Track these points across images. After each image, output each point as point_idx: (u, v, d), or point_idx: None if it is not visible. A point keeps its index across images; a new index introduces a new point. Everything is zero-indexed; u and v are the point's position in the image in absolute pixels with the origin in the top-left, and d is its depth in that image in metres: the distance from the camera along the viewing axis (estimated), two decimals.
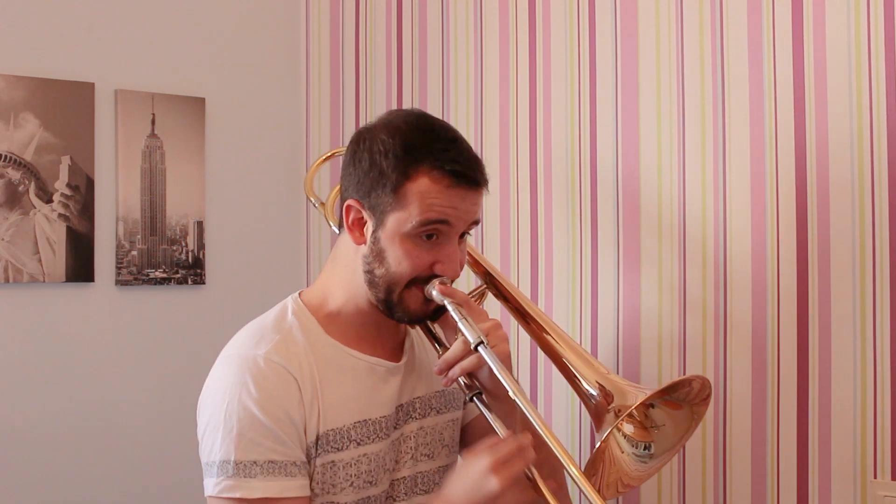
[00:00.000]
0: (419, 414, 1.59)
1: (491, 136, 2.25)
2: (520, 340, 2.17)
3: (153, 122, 2.51)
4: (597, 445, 1.43)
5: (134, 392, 2.48)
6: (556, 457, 1.33)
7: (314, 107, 2.69)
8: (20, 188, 2.33)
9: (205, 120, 2.59)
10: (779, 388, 1.77)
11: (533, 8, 2.17)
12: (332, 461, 1.48)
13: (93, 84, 2.44)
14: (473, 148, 1.54)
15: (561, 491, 1.46)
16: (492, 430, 1.48)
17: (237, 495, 1.41)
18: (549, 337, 1.57)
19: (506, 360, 1.45)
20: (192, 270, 2.56)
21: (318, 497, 1.48)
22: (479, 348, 1.41)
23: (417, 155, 1.44)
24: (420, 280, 1.48)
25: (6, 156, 2.32)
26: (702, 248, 1.87)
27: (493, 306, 1.79)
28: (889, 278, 1.64)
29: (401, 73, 2.46)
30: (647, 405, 1.48)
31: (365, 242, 1.49)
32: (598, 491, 1.37)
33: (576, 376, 1.52)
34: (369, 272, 1.49)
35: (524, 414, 1.39)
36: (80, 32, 2.44)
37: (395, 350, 1.59)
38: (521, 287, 2.16)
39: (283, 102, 2.73)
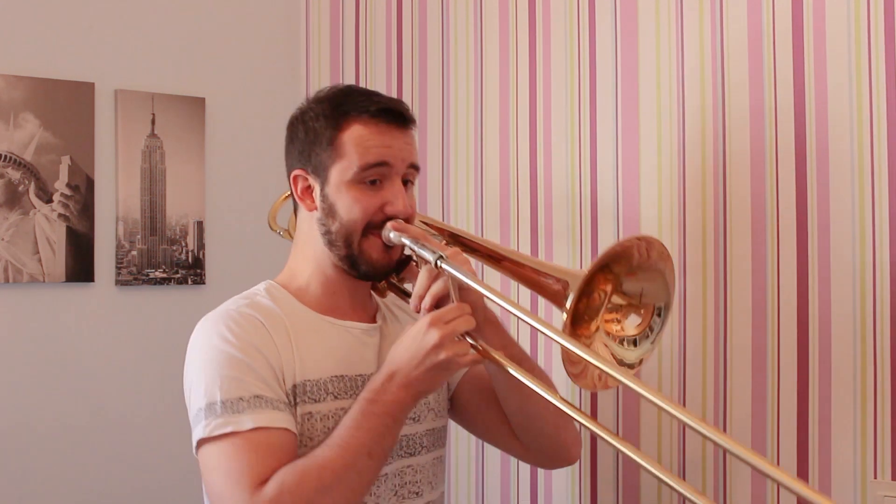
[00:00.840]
0: None
1: (491, 137, 2.25)
2: (519, 327, 2.17)
3: (153, 122, 2.51)
4: (563, 316, 1.42)
5: (134, 392, 2.48)
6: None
7: None
8: (20, 188, 2.33)
9: (205, 120, 2.59)
10: (779, 388, 1.77)
11: (533, 8, 2.17)
12: (310, 412, 1.49)
13: (93, 84, 2.44)
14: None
15: (523, 364, 1.47)
16: (480, 389, 1.57)
17: (228, 430, 1.41)
18: (525, 270, 1.59)
19: (472, 278, 1.46)
20: (192, 270, 2.56)
21: (298, 449, 1.48)
22: (440, 263, 1.43)
23: (344, 108, 1.54)
24: (374, 225, 1.52)
25: (6, 156, 2.32)
26: (702, 248, 1.87)
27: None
28: (889, 278, 1.64)
29: (401, 73, 2.46)
30: (618, 286, 1.49)
31: (316, 207, 1.55)
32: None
33: (542, 282, 1.54)
34: (326, 233, 1.55)
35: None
36: (80, 32, 2.44)
37: (368, 317, 1.62)
38: (520, 290, 2.16)
39: (283, 102, 2.72)
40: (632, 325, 1.51)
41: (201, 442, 1.44)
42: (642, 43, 1.97)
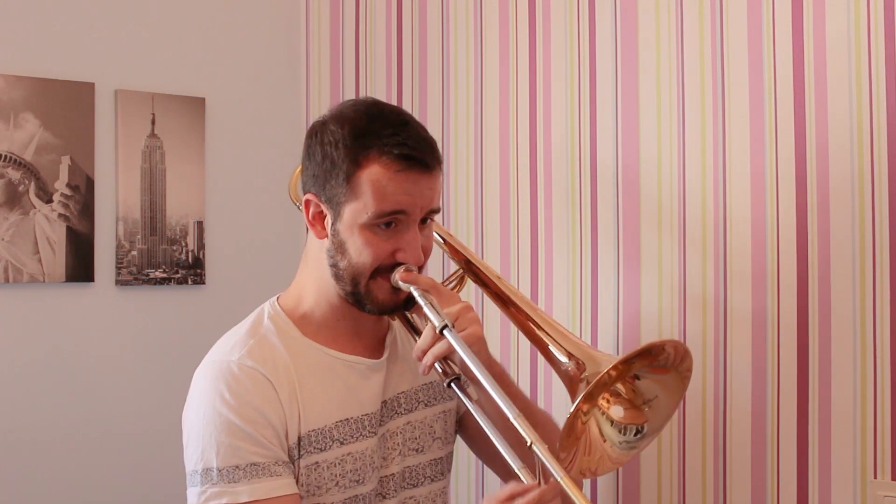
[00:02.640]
0: (405, 409, 1.58)
1: (491, 137, 2.25)
2: (520, 344, 2.17)
3: (153, 122, 2.51)
4: (570, 410, 1.37)
5: (134, 392, 2.48)
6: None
7: (314, 107, 2.69)
8: (20, 188, 2.33)
9: (205, 120, 2.58)
10: (779, 388, 1.77)
11: (533, 8, 2.17)
12: (316, 462, 1.47)
13: (93, 84, 2.43)
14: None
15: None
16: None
17: (224, 502, 1.40)
18: (530, 322, 1.54)
19: (478, 342, 1.43)
20: (192, 270, 2.56)
21: (304, 499, 1.47)
22: (445, 332, 1.40)
23: (366, 142, 1.43)
24: (384, 269, 1.47)
25: (6, 156, 2.32)
26: (702, 248, 1.87)
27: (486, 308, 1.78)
28: (889, 278, 1.64)
29: (401, 74, 2.46)
30: (633, 377, 1.44)
31: (326, 236, 1.49)
32: (568, 470, 1.31)
33: (552, 353, 1.49)
34: (334, 265, 1.49)
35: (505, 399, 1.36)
36: (80, 32, 2.44)
37: (375, 346, 1.58)
38: (521, 287, 2.16)
39: (283, 102, 2.73)
40: (616, 413, 1.46)
41: None
42: (642, 43, 1.97)
